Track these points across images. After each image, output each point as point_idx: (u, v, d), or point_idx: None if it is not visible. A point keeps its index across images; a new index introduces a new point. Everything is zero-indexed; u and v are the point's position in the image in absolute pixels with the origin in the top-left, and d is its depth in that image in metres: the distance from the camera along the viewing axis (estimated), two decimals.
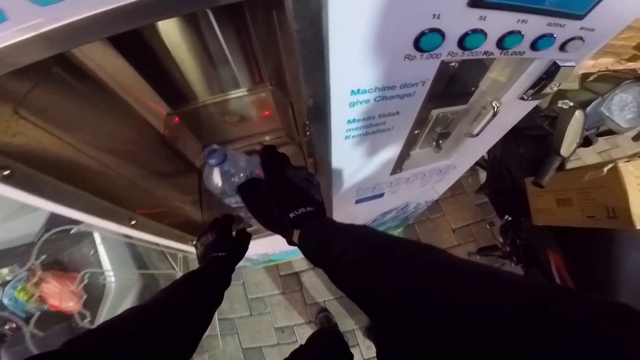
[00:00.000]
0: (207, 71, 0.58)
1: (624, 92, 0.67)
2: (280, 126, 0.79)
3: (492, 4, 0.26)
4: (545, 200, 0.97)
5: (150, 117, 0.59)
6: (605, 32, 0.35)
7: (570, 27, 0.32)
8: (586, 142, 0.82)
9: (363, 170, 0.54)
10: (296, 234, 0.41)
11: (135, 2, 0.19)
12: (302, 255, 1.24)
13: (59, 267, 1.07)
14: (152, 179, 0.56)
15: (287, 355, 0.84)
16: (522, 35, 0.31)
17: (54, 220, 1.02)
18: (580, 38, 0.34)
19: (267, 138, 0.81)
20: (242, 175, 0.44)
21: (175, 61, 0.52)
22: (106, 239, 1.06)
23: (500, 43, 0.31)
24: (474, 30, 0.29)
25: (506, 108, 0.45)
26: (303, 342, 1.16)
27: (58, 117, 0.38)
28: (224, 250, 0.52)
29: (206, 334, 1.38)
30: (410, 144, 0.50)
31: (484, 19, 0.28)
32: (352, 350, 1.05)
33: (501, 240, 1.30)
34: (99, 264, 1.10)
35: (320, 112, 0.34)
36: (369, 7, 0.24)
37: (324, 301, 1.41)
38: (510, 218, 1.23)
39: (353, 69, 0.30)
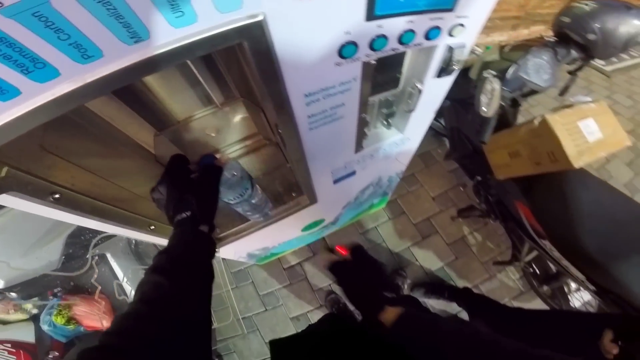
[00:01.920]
0: (181, 94, 0.68)
1: (534, 56, 0.81)
2: (256, 131, 0.90)
3: (381, 15, 0.38)
4: (499, 155, 1.11)
5: (141, 141, 0.69)
6: (478, 14, 0.47)
7: (449, 18, 0.45)
8: (514, 103, 0.96)
9: (331, 153, 0.65)
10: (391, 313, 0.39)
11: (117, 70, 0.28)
12: (298, 246, 1.36)
13: (80, 290, 1.15)
14: None
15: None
16: (414, 32, 0.43)
17: (69, 247, 1.10)
18: (460, 24, 0.46)
19: (248, 142, 0.91)
20: (233, 174, 0.55)
21: (152, 91, 0.62)
22: (116, 255, 1.15)
23: (400, 40, 0.43)
24: (377, 36, 0.41)
25: (429, 85, 0.58)
26: None
27: (73, 149, 0.48)
28: (186, 208, 0.43)
29: (229, 335, 1.45)
30: (362, 125, 0.62)
31: (381, 27, 0.40)
32: None
33: (477, 200, 1.44)
34: (116, 278, 1.18)
35: (286, 114, 0.46)
36: (301, 36, 0.36)
37: (329, 284, 1.53)
38: (479, 178, 1.37)
39: (302, 79, 0.42)
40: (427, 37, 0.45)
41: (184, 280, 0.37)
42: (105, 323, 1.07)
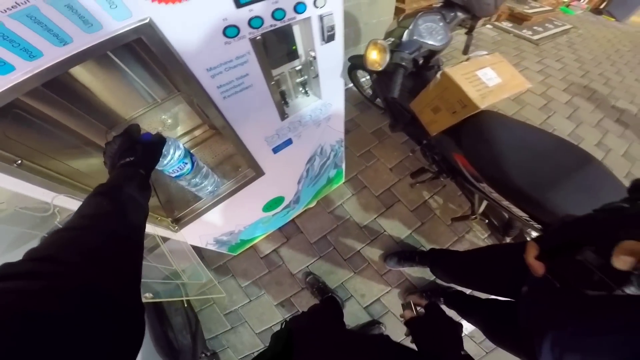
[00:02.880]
0: (123, 94, 0.81)
1: (425, 21, 1.00)
2: (201, 122, 1.04)
3: (246, 2, 0.54)
4: (426, 114, 1.29)
5: (94, 137, 0.82)
6: None
7: None
8: (426, 65, 1.14)
9: (257, 120, 0.80)
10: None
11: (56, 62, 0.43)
12: (268, 231, 1.52)
13: None
14: None
15: None
16: (283, 9, 0.59)
17: None
18: None
19: (197, 133, 1.05)
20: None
21: (95, 94, 0.76)
22: None
23: (274, 17, 0.59)
24: (252, 17, 0.56)
25: (322, 52, 0.74)
26: (303, 309, 1.38)
27: (32, 139, 0.60)
28: (131, 154, 0.52)
29: (219, 331, 1.54)
30: (278, 94, 0.77)
31: (252, 10, 0.56)
32: (347, 302, 1.29)
33: (426, 162, 1.61)
34: None
35: (196, 87, 0.60)
36: (189, 27, 0.51)
37: (307, 266, 1.65)
38: (423, 141, 1.55)
39: (200, 57, 0.57)
40: (297, 11, 0.61)
41: (122, 203, 0.42)
42: None
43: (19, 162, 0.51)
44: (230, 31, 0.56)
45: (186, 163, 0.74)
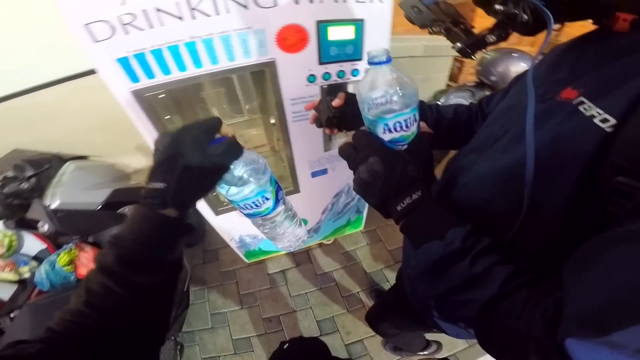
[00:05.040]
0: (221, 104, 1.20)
1: (455, 97, 1.31)
2: (266, 142, 1.39)
3: (325, 62, 0.90)
4: None
5: None
6: None
7: (361, 64, 0.95)
8: None
9: (307, 145, 1.12)
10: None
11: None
12: (283, 250, 1.80)
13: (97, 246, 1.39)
14: None
15: (273, 343, 1.10)
16: (344, 71, 0.94)
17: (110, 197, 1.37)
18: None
19: (258, 150, 1.41)
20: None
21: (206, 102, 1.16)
22: None
23: (338, 75, 0.95)
24: (324, 73, 0.92)
25: None
26: (287, 330, 1.55)
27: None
28: (163, 177, 0.36)
29: (198, 327, 1.71)
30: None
31: (327, 68, 0.92)
32: (332, 336, 1.45)
33: None
34: None
35: (281, 110, 0.95)
36: (290, 68, 0.88)
37: (306, 293, 1.81)
38: None
39: (289, 90, 0.93)
40: (352, 74, 0.96)
41: (138, 291, 0.34)
42: None
43: (168, 117, 0.87)
44: (311, 78, 0.92)
45: (267, 199, 0.47)
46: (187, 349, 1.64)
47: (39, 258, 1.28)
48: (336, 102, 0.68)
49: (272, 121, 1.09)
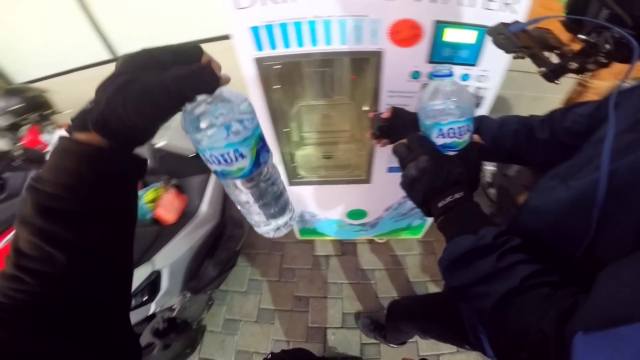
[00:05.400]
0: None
1: None
2: (349, 129, 1.42)
3: (434, 61, 0.90)
4: None
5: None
6: (496, 71, 0.95)
7: (474, 70, 0.94)
8: None
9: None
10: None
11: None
12: (334, 237, 1.93)
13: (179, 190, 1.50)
14: None
15: (295, 322, 1.23)
16: (453, 73, 0.92)
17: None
18: (482, 75, 0.94)
19: (340, 135, 1.43)
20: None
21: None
22: (215, 188, 1.49)
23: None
24: (430, 72, 0.92)
25: None
26: (311, 314, 1.63)
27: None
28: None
29: (233, 288, 1.86)
30: None
31: (435, 67, 0.91)
32: (352, 331, 1.55)
33: None
34: (201, 199, 1.52)
35: (376, 100, 0.99)
36: (396, 60, 0.90)
37: (342, 283, 1.84)
38: None
39: (389, 83, 0.95)
40: (461, 78, 0.95)
41: (74, 251, 0.28)
42: (170, 216, 1.31)
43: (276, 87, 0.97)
44: (415, 74, 0.93)
45: (243, 156, 0.34)
46: (214, 306, 1.75)
47: None
48: (385, 115, 0.75)
49: (365, 108, 1.12)
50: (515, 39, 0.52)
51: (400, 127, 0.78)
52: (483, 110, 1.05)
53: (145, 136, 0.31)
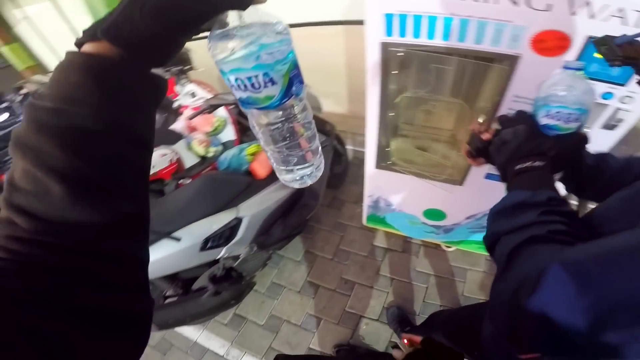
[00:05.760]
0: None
1: None
2: (452, 128, 1.37)
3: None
4: None
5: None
6: None
7: (620, 89, 0.84)
8: None
9: None
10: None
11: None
12: (401, 232, 1.88)
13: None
14: None
15: (334, 302, 1.23)
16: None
17: None
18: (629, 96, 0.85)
19: (441, 133, 1.40)
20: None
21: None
22: None
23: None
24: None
25: (595, 133, 0.95)
26: (352, 300, 1.65)
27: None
28: None
29: (288, 255, 2.02)
30: None
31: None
32: (384, 327, 1.52)
33: None
34: None
35: (497, 105, 0.95)
36: (541, 72, 0.85)
37: (393, 278, 1.84)
38: None
39: (518, 89, 0.90)
40: (602, 97, 0.86)
41: (75, 184, 0.23)
42: (261, 171, 1.42)
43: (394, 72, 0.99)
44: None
45: (273, 82, 0.30)
46: (267, 268, 1.84)
47: (225, 145, 1.61)
48: (485, 136, 0.74)
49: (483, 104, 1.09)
50: (617, 49, 0.52)
51: None
52: (617, 134, 0.96)
53: (164, 50, 0.27)
